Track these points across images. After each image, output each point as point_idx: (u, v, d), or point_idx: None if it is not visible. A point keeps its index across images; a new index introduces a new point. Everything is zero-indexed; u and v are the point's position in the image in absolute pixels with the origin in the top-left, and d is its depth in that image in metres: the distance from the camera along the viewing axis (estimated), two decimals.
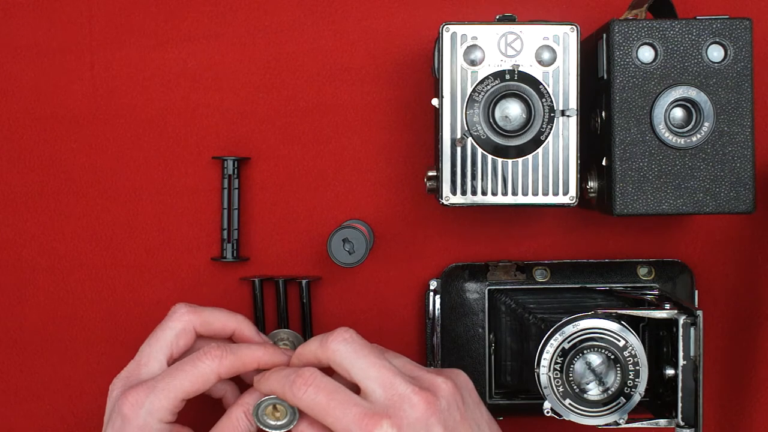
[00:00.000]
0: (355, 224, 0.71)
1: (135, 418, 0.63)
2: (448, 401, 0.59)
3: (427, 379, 0.60)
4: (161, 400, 0.63)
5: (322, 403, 0.59)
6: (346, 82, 0.76)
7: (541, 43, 0.65)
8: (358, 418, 0.58)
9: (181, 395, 0.63)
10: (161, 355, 0.65)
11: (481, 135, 0.65)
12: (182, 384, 0.63)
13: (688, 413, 0.63)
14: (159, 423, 0.63)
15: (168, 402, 0.63)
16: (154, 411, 0.63)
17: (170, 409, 0.63)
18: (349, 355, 0.60)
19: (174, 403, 0.63)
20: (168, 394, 0.63)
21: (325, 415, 0.59)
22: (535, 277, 0.73)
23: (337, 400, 0.59)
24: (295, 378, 0.60)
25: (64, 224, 0.77)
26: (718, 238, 0.76)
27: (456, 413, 0.60)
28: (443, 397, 0.59)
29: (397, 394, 0.59)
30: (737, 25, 0.64)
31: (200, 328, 0.66)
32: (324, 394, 0.59)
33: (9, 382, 0.77)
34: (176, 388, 0.63)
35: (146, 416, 0.63)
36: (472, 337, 0.73)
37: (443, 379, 0.60)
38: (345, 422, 0.58)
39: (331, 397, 0.59)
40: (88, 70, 0.77)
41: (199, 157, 0.76)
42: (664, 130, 0.64)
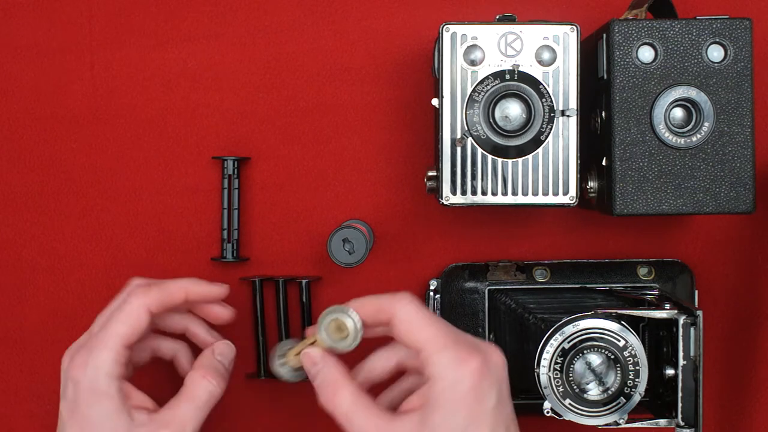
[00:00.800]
0: (355, 224, 0.71)
1: (83, 378, 0.63)
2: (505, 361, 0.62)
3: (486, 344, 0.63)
4: (102, 352, 0.63)
5: (425, 318, 0.60)
6: (346, 82, 0.76)
7: (541, 43, 0.65)
8: (455, 342, 0.59)
9: (120, 340, 0.63)
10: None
11: (481, 135, 0.65)
12: (117, 328, 0.63)
13: (688, 413, 0.63)
14: (107, 378, 0.63)
15: (109, 352, 0.63)
16: (99, 366, 0.63)
17: (114, 359, 0.63)
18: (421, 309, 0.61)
19: (116, 351, 0.63)
20: (107, 344, 0.63)
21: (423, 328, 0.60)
22: (535, 277, 0.73)
23: (437, 320, 0.61)
24: (396, 294, 0.61)
25: (64, 224, 0.77)
26: (718, 238, 0.76)
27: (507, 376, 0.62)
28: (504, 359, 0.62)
29: (474, 342, 0.61)
30: (737, 25, 0.64)
31: (154, 307, 0.65)
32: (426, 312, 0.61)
33: (9, 382, 0.77)
34: (113, 335, 0.63)
35: (93, 373, 0.63)
36: None
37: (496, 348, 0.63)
38: (443, 340, 0.59)
39: (434, 317, 0.61)
40: (88, 70, 0.77)
41: (199, 157, 0.76)
42: (664, 130, 0.64)
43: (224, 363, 0.67)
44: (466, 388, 0.58)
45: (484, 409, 0.58)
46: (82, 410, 0.63)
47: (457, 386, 0.58)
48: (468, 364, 0.58)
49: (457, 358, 0.58)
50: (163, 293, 0.65)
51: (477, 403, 0.58)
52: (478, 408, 0.58)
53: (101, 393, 0.62)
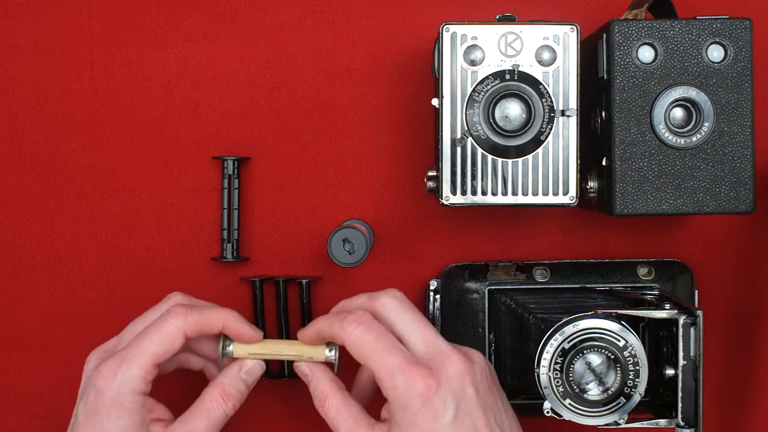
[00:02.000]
0: (355, 224, 0.71)
1: (108, 389, 0.63)
2: (480, 368, 0.63)
3: (461, 347, 0.64)
4: (132, 369, 0.63)
5: (370, 343, 0.62)
6: (346, 82, 0.76)
7: (541, 43, 0.65)
8: (403, 363, 0.61)
9: (152, 359, 0.63)
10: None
11: (481, 135, 0.65)
12: (150, 347, 0.64)
13: (688, 413, 0.63)
14: (132, 394, 0.63)
15: (139, 369, 0.63)
16: (126, 381, 0.63)
17: (142, 376, 0.63)
18: (397, 310, 0.64)
19: (146, 369, 0.63)
20: (138, 361, 0.63)
21: (371, 354, 0.61)
22: (535, 277, 0.73)
23: (384, 344, 0.61)
24: (347, 315, 0.62)
25: (64, 224, 0.77)
26: (718, 238, 0.76)
27: (485, 381, 0.63)
28: (477, 363, 0.63)
29: (438, 350, 0.62)
30: (737, 25, 0.64)
31: (191, 331, 0.65)
32: (373, 336, 0.62)
33: (9, 382, 0.77)
34: (145, 352, 0.63)
35: (119, 387, 0.63)
36: (472, 337, 0.73)
37: (475, 351, 0.64)
38: (389, 365, 0.61)
39: (380, 339, 0.62)
40: (88, 70, 0.77)
41: (199, 157, 0.76)
42: (664, 130, 0.64)
43: (248, 382, 0.66)
44: (416, 408, 0.60)
45: (440, 425, 0.60)
46: (101, 420, 0.63)
47: (408, 407, 0.60)
48: (415, 385, 0.60)
49: (405, 381, 0.60)
50: (202, 320, 0.65)
51: (431, 421, 0.60)
52: (432, 425, 0.60)
53: (124, 408, 0.63)
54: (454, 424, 0.60)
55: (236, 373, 0.66)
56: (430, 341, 0.63)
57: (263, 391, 0.77)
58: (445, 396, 0.60)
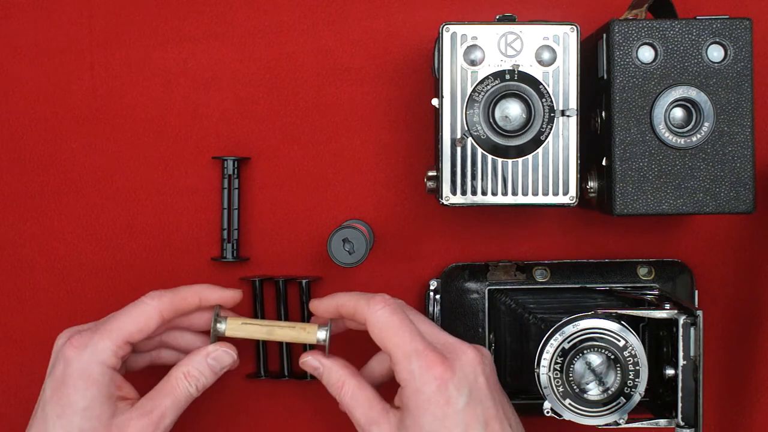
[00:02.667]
0: (355, 224, 0.71)
1: (77, 359, 0.63)
2: (489, 360, 0.65)
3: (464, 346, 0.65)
4: (104, 340, 0.63)
5: (395, 324, 0.63)
6: (346, 82, 0.76)
7: (541, 43, 0.65)
8: (421, 348, 0.62)
9: (125, 335, 0.64)
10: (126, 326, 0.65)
11: (481, 135, 0.65)
12: (125, 322, 0.64)
13: (688, 413, 0.63)
14: (101, 365, 0.63)
15: (111, 342, 0.63)
16: (97, 351, 0.63)
17: (113, 350, 0.63)
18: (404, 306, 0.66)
19: (117, 343, 0.64)
20: (111, 334, 0.64)
21: (393, 334, 0.63)
22: (535, 277, 0.73)
23: (407, 328, 0.63)
24: (374, 296, 0.64)
25: (64, 224, 0.77)
26: (718, 238, 0.76)
27: (493, 374, 0.65)
28: (486, 356, 0.65)
29: (450, 342, 0.64)
30: (737, 25, 0.64)
31: (167, 311, 0.66)
32: (398, 318, 0.63)
33: (9, 382, 0.77)
34: (119, 327, 0.64)
35: (89, 357, 0.63)
36: (472, 337, 0.73)
37: (481, 346, 0.65)
38: (408, 348, 0.62)
39: (403, 323, 0.63)
40: (88, 70, 0.77)
41: (199, 157, 0.76)
42: (664, 130, 0.64)
43: (214, 367, 0.67)
44: (431, 393, 0.61)
45: (453, 411, 0.61)
46: (67, 392, 0.63)
47: (422, 391, 0.61)
48: (431, 369, 0.61)
49: (421, 365, 0.61)
50: (177, 297, 0.66)
51: (444, 406, 0.61)
52: (445, 410, 0.61)
53: (92, 379, 0.63)
54: (466, 410, 0.61)
55: (202, 357, 0.67)
56: (439, 335, 0.65)
57: (263, 391, 0.77)
58: (459, 383, 0.61)
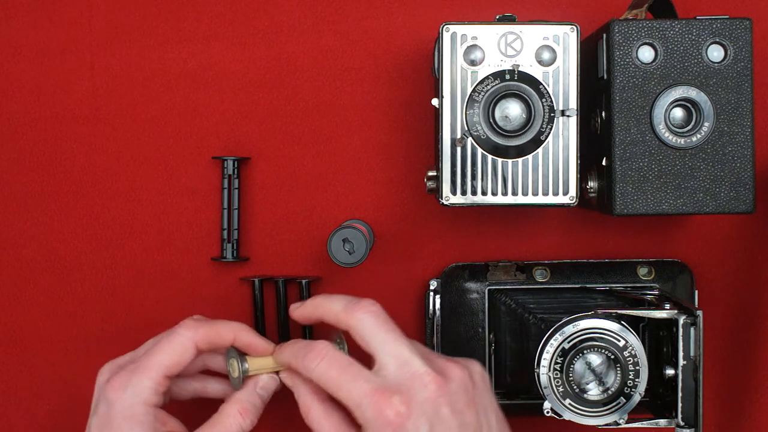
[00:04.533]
0: (355, 224, 0.71)
1: (120, 401, 0.63)
2: (458, 385, 0.61)
3: (440, 362, 0.62)
4: (143, 380, 0.63)
5: (334, 377, 0.60)
6: (346, 82, 0.76)
7: (541, 43, 0.65)
8: (369, 392, 0.59)
9: (163, 371, 0.63)
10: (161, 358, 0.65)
11: (481, 135, 0.65)
12: (162, 358, 0.64)
13: (688, 413, 0.63)
14: (144, 405, 0.63)
15: (151, 381, 0.63)
16: (138, 392, 0.63)
17: (154, 388, 0.63)
18: (372, 328, 0.62)
19: (157, 380, 0.63)
20: (150, 373, 0.63)
21: (336, 389, 0.60)
22: (535, 277, 0.73)
23: (348, 375, 0.60)
24: (308, 351, 0.61)
25: (64, 224, 0.77)
26: (718, 238, 0.76)
27: (464, 397, 0.61)
28: (454, 380, 0.61)
29: (410, 372, 0.60)
30: (737, 25, 0.64)
31: (202, 343, 0.65)
32: (336, 369, 0.60)
33: (9, 382, 0.77)
34: (157, 363, 0.64)
35: (131, 398, 0.63)
36: (472, 337, 0.73)
37: (456, 365, 0.62)
38: (356, 396, 0.59)
39: (343, 371, 0.60)
40: (88, 70, 0.77)
41: (199, 157, 0.76)
42: (664, 130, 0.64)
43: (263, 397, 0.66)
44: None
45: None
46: (107, 429, 0.63)
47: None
48: (384, 415, 0.58)
49: (374, 413, 0.59)
50: (212, 331, 0.65)
51: None
52: None
53: (136, 420, 0.63)
54: None
55: (252, 390, 0.66)
56: (402, 362, 0.61)
57: None
58: (417, 421, 0.59)
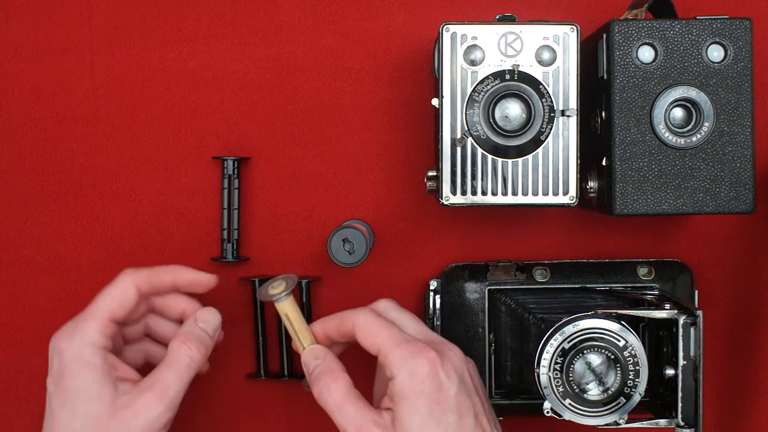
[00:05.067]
0: (355, 224, 0.71)
1: (68, 348, 0.63)
2: (473, 364, 0.65)
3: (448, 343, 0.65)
4: (88, 324, 0.64)
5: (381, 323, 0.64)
6: (346, 82, 0.76)
7: (541, 43, 0.65)
8: (410, 338, 0.63)
9: (107, 313, 0.65)
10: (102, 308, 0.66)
11: (481, 135, 0.65)
12: (103, 302, 0.65)
13: (688, 413, 0.63)
14: (92, 347, 0.63)
15: (95, 323, 0.64)
16: (84, 336, 0.64)
17: (100, 330, 0.64)
18: (396, 310, 0.67)
19: (102, 323, 0.64)
20: (93, 316, 0.64)
21: (380, 330, 0.63)
22: (535, 277, 0.73)
23: (393, 325, 0.64)
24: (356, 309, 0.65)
25: (64, 224, 0.77)
26: (718, 238, 0.76)
27: (477, 377, 0.65)
28: (470, 360, 0.65)
29: (435, 338, 0.65)
30: (737, 25, 0.64)
31: (142, 285, 0.67)
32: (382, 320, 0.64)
33: (9, 382, 0.77)
34: (100, 307, 0.65)
35: (78, 342, 0.63)
36: (472, 337, 0.73)
37: None
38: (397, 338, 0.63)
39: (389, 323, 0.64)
40: (88, 70, 0.77)
41: (199, 157, 0.76)
42: (664, 130, 0.64)
43: (207, 330, 0.67)
44: (423, 377, 0.61)
45: (445, 396, 0.61)
46: (66, 381, 0.63)
47: (415, 376, 0.61)
48: (421, 355, 0.61)
49: (411, 352, 0.62)
50: (152, 273, 0.67)
51: (436, 390, 0.61)
52: (438, 394, 0.61)
53: (85, 362, 0.63)
54: (458, 398, 0.61)
55: (192, 323, 0.67)
56: (428, 334, 0.65)
57: (263, 391, 0.77)
58: (449, 370, 0.62)
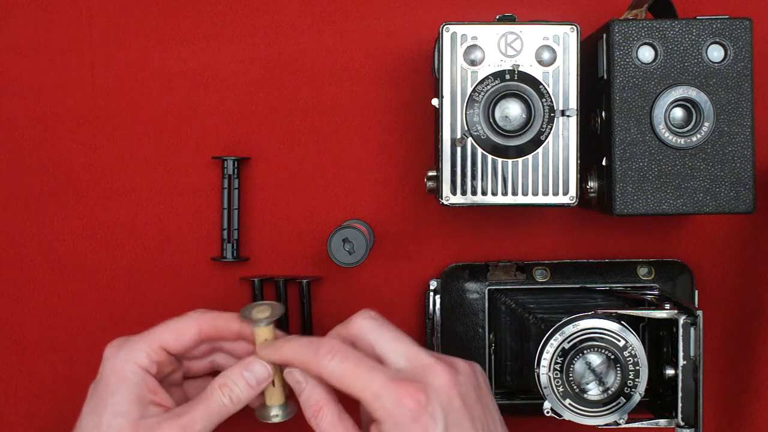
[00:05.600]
0: (355, 224, 0.71)
1: (112, 358, 0.64)
2: (466, 378, 0.61)
3: (446, 357, 0.62)
4: (139, 343, 0.64)
5: (350, 370, 0.60)
6: (346, 82, 0.76)
7: (541, 43, 0.65)
8: (387, 382, 0.59)
9: (160, 340, 0.64)
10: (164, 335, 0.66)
11: (481, 135, 0.65)
12: (162, 332, 0.65)
13: (688, 413, 0.63)
14: (133, 365, 0.63)
15: (146, 345, 0.64)
16: (131, 352, 0.64)
17: (147, 352, 0.64)
18: (374, 330, 0.62)
19: (151, 346, 0.64)
20: (147, 338, 0.64)
21: (353, 381, 0.60)
22: (535, 277, 0.73)
23: (364, 367, 0.60)
24: (319, 347, 0.61)
25: (64, 224, 0.77)
26: (718, 238, 0.76)
27: (473, 392, 0.61)
28: (462, 373, 0.61)
29: (422, 363, 0.61)
30: (737, 25, 0.64)
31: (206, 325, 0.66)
32: (351, 362, 0.60)
33: (9, 382, 0.77)
34: (156, 334, 0.65)
35: (123, 356, 0.64)
36: (472, 337, 0.73)
37: (461, 360, 0.62)
38: (374, 387, 0.60)
39: (358, 364, 0.60)
40: (88, 70, 0.77)
41: (199, 157, 0.76)
42: (664, 130, 0.64)
43: (250, 381, 0.65)
44: (408, 424, 0.59)
45: None
46: (100, 389, 0.63)
47: (400, 424, 0.59)
48: (404, 402, 0.59)
49: (393, 401, 0.59)
50: (219, 317, 0.66)
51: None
52: None
53: (124, 377, 0.63)
54: None
55: (238, 369, 0.66)
56: (412, 356, 0.61)
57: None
58: (434, 410, 0.59)
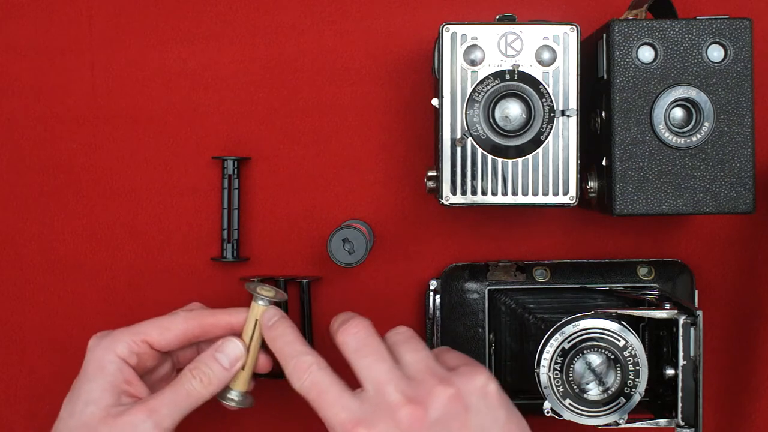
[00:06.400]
0: (355, 224, 0.71)
1: (94, 348, 0.64)
2: (442, 412, 0.58)
3: (427, 386, 0.59)
4: (122, 334, 0.64)
5: (314, 398, 0.61)
6: (346, 82, 0.76)
7: (541, 43, 0.65)
8: (341, 422, 0.59)
9: (143, 333, 0.65)
10: None
11: (481, 135, 0.65)
12: (147, 327, 0.65)
13: (688, 413, 0.63)
14: (113, 355, 0.64)
15: (128, 336, 0.64)
16: (112, 342, 0.64)
17: (128, 344, 0.64)
18: (354, 350, 0.61)
19: (134, 339, 0.64)
20: (131, 331, 0.65)
21: (317, 408, 0.61)
22: (535, 277, 0.73)
23: (326, 400, 0.60)
24: (297, 363, 0.62)
25: (64, 224, 0.77)
26: (718, 238, 0.76)
27: (453, 423, 0.58)
28: (436, 408, 0.58)
29: (385, 402, 0.58)
30: (737, 25, 0.64)
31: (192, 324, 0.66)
32: (316, 391, 0.61)
33: (9, 382, 0.77)
34: (140, 327, 0.65)
35: (104, 346, 0.64)
36: (472, 337, 0.73)
37: (446, 388, 0.59)
38: (331, 423, 0.60)
39: (322, 395, 0.60)
40: (88, 70, 0.77)
41: (199, 157, 0.76)
42: (664, 130, 0.64)
43: (222, 362, 0.65)
44: None
45: None
46: (79, 378, 0.64)
47: None
48: None
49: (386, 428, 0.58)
50: (208, 316, 0.66)
51: None
52: None
53: (101, 367, 0.64)
54: None
55: (210, 353, 0.66)
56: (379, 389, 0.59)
57: (263, 391, 0.77)
58: None
